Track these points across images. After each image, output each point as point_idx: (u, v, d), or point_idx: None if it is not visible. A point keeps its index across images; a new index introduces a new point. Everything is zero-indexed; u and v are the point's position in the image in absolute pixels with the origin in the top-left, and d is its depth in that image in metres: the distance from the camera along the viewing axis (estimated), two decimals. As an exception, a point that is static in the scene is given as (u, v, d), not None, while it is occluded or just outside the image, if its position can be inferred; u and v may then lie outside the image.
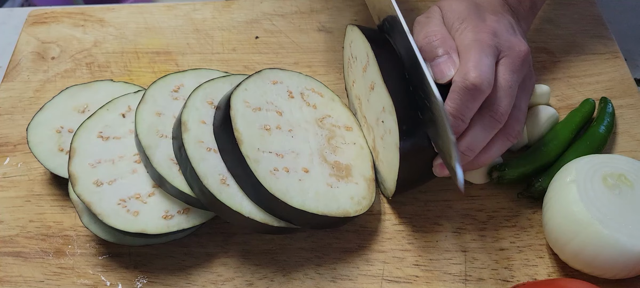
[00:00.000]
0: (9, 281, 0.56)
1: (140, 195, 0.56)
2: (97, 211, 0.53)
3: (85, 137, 0.58)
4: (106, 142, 0.59)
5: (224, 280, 0.56)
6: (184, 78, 0.63)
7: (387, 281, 0.56)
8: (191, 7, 0.80)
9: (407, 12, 0.79)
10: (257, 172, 0.53)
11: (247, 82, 0.59)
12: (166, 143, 0.56)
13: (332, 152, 0.59)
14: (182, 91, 0.61)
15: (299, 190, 0.54)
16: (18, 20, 0.81)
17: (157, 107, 0.59)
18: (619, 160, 0.56)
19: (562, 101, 0.69)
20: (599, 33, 0.76)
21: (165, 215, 0.55)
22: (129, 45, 0.76)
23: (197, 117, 0.57)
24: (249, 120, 0.56)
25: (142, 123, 0.57)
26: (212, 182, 0.53)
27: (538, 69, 0.72)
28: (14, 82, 0.72)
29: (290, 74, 0.63)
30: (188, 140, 0.54)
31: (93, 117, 0.60)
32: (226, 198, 0.53)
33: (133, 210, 0.54)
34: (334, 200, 0.55)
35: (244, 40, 0.76)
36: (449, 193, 0.61)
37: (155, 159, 0.55)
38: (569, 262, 0.55)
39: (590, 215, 0.51)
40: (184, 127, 0.55)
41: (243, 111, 0.56)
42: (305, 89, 0.63)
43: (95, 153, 0.58)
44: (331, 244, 0.58)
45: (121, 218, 0.53)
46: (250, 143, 0.54)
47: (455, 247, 0.58)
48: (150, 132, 0.57)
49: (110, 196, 0.55)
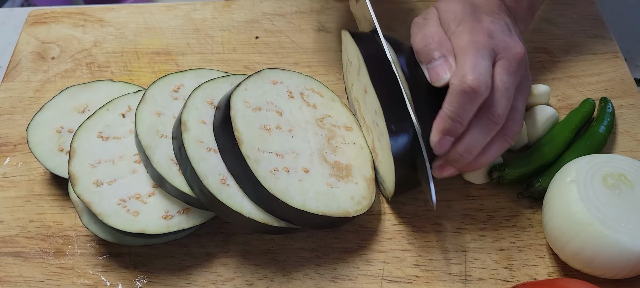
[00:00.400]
0: (9, 281, 0.56)
1: (140, 195, 0.56)
2: (97, 211, 0.53)
3: (85, 137, 0.58)
4: (106, 142, 0.59)
5: (224, 280, 0.56)
6: (184, 78, 0.63)
7: (387, 281, 0.56)
8: (191, 7, 0.80)
9: (407, 12, 0.79)
10: (257, 172, 0.53)
11: (247, 82, 0.59)
12: (166, 143, 0.56)
13: (332, 152, 0.59)
14: (182, 91, 0.61)
15: (299, 190, 0.54)
16: (18, 20, 0.81)
17: (157, 107, 0.59)
18: (619, 160, 0.56)
19: (562, 101, 0.69)
20: (599, 33, 0.76)
21: (165, 215, 0.55)
22: (129, 45, 0.76)
23: (197, 117, 0.57)
24: (249, 120, 0.56)
25: (142, 123, 0.57)
26: (212, 182, 0.53)
27: (538, 69, 0.72)
28: (14, 82, 0.72)
29: (290, 74, 0.63)
30: (188, 140, 0.54)
31: (93, 117, 0.60)
32: (226, 198, 0.53)
33: (133, 210, 0.54)
34: (334, 200, 0.55)
35: (244, 40, 0.76)
36: (449, 193, 0.61)
37: (155, 159, 0.55)
38: (569, 262, 0.55)
39: (590, 215, 0.51)
40: (184, 127, 0.55)
41: (243, 111, 0.56)
42: (305, 89, 0.63)
43: (95, 153, 0.58)
44: (331, 244, 0.58)
45: (121, 219, 0.53)
46: (251, 143, 0.55)
47: (455, 247, 0.58)
48: (150, 132, 0.57)
49: (110, 196, 0.55)
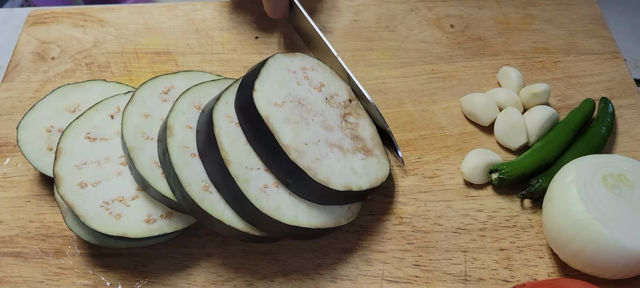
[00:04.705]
0: (9, 281, 0.56)
1: (124, 198, 0.55)
2: (79, 213, 0.53)
3: (72, 138, 0.58)
4: (93, 143, 0.58)
5: (224, 280, 0.56)
6: (175, 80, 0.62)
7: (387, 281, 0.56)
8: (191, 7, 0.80)
9: (407, 12, 0.79)
10: (248, 193, 0.51)
11: (227, 94, 0.57)
12: (152, 145, 0.56)
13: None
14: (173, 93, 0.61)
15: (290, 204, 0.53)
16: (18, 21, 0.81)
17: (145, 109, 0.58)
18: (619, 160, 0.56)
19: (562, 101, 0.69)
20: (599, 33, 0.76)
21: (147, 219, 0.54)
22: (129, 46, 0.76)
23: (183, 121, 0.56)
24: (233, 137, 0.54)
25: (129, 124, 0.56)
26: (194, 189, 0.52)
27: (538, 69, 0.72)
28: (14, 82, 0.72)
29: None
30: (172, 144, 0.53)
31: (82, 118, 0.59)
32: (208, 206, 0.52)
33: (115, 213, 0.54)
34: (327, 212, 0.54)
35: (243, 40, 0.76)
36: (449, 193, 0.61)
37: (139, 161, 0.54)
38: (569, 262, 0.55)
39: (590, 215, 0.51)
40: (169, 131, 0.54)
41: (227, 128, 0.54)
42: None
43: (82, 154, 0.57)
44: (331, 244, 0.58)
45: (103, 221, 0.53)
46: (238, 162, 0.53)
47: (455, 247, 0.58)
48: (136, 134, 0.56)
49: (93, 198, 0.54)
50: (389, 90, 0.70)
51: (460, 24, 0.78)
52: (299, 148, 0.53)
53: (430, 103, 0.69)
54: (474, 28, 0.77)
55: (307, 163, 0.52)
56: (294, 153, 0.52)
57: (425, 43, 0.75)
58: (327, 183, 0.52)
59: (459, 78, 0.72)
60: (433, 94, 0.70)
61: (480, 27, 0.77)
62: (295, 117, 0.55)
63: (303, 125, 0.55)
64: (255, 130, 0.54)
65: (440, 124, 0.67)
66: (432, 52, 0.74)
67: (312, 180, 0.52)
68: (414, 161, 0.64)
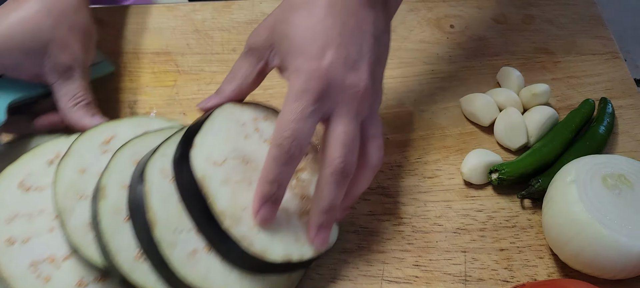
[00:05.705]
0: None
1: (55, 258, 0.49)
2: (4, 275, 0.47)
3: (4, 186, 0.51)
4: (27, 193, 0.52)
5: None
6: (119, 127, 0.56)
7: (387, 281, 0.56)
8: (191, 7, 0.80)
9: (407, 12, 0.79)
10: (172, 259, 0.46)
11: (166, 145, 0.51)
12: (85, 206, 0.50)
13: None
14: (114, 143, 0.54)
15: (220, 273, 0.48)
16: (18, 21, 0.81)
17: (82, 163, 0.52)
18: (619, 160, 0.56)
19: (562, 101, 0.69)
20: (599, 33, 0.76)
21: (79, 283, 0.49)
22: (128, 46, 0.76)
23: (118, 180, 0.50)
24: (165, 194, 0.49)
25: (61, 182, 0.50)
26: (124, 259, 0.46)
27: (538, 69, 0.72)
28: (14, 82, 0.72)
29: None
30: (104, 209, 0.48)
31: (17, 163, 0.53)
32: (139, 277, 0.47)
33: (44, 275, 0.48)
34: (261, 281, 0.50)
35: (243, 40, 0.76)
36: (449, 193, 0.61)
37: (70, 225, 0.48)
38: (569, 262, 0.55)
39: (590, 215, 0.51)
40: (102, 192, 0.48)
41: (159, 185, 0.49)
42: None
43: (13, 205, 0.51)
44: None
45: (29, 285, 0.47)
46: (167, 224, 0.47)
47: (455, 247, 0.58)
48: (68, 193, 0.50)
49: (22, 257, 0.48)
50: (389, 91, 0.70)
51: (460, 24, 0.78)
52: (235, 214, 0.48)
53: (430, 103, 0.69)
54: (474, 28, 0.77)
55: (243, 232, 0.47)
56: (227, 221, 0.47)
57: (425, 43, 0.75)
58: (262, 254, 0.47)
59: (459, 78, 0.72)
60: (433, 94, 0.70)
61: (480, 27, 0.77)
62: (236, 177, 0.50)
63: (245, 185, 0.50)
64: (188, 191, 0.49)
65: (440, 124, 0.67)
66: (432, 53, 0.74)
67: (245, 251, 0.47)
68: (413, 161, 0.64)
